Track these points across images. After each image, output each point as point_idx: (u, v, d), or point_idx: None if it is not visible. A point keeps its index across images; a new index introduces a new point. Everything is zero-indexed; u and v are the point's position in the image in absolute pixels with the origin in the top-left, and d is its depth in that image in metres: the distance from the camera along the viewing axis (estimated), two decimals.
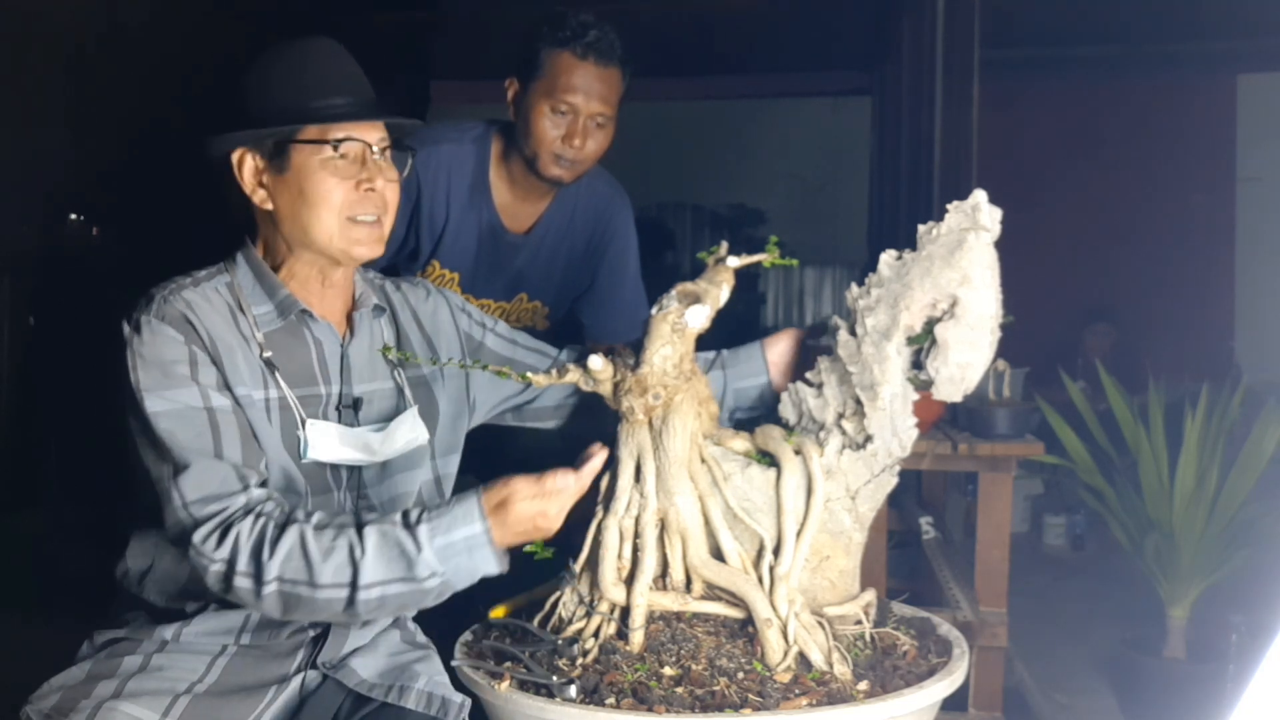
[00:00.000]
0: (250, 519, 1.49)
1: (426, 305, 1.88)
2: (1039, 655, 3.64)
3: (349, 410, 1.71)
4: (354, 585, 1.46)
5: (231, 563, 1.47)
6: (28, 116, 5.02)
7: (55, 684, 1.62)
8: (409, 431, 1.75)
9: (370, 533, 1.47)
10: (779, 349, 1.89)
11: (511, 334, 1.97)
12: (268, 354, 1.65)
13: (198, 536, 1.48)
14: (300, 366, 1.68)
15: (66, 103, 5.23)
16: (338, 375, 1.71)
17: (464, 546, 1.47)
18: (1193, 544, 3.28)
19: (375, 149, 1.67)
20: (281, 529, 1.47)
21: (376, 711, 1.67)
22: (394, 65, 6.94)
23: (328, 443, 1.66)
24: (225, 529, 1.48)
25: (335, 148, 1.63)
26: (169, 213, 5.07)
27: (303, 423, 1.65)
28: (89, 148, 5.24)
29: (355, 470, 1.71)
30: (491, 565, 1.50)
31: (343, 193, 1.65)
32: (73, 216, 5.63)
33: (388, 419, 1.74)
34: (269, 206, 1.67)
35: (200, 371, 1.58)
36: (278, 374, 1.65)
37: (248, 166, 1.67)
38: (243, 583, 1.47)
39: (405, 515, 1.50)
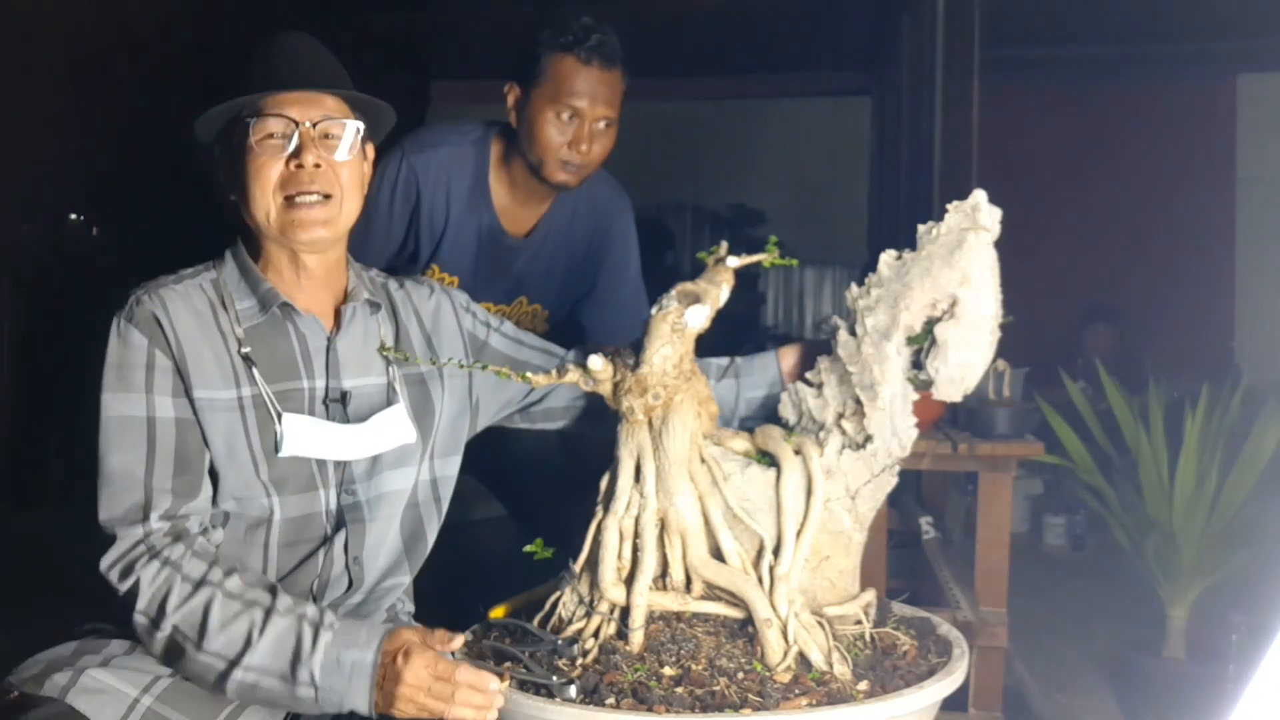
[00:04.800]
0: (155, 565, 1.52)
1: (429, 304, 1.87)
2: (1039, 655, 3.64)
3: (336, 404, 1.70)
4: (235, 662, 1.48)
5: (130, 601, 1.52)
6: (29, 117, 5.02)
7: (41, 658, 1.62)
8: (393, 428, 1.74)
9: (276, 622, 1.49)
10: (793, 359, 1.89)
11: (517, 334, 1.96)
12: (246, 349, 1.64)
13: (103, 563, 1.54)
14: (282, 360, 1.67)
15: (67, 103, 5.23)
16: (323, 369, 1.70)
17: (348, 670, 1.47)
18: (1193, 544, 3.28)
19: (309, 124, 1.65)
20: (195, 586, 1.50)
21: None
22: (394, 65, 6.94)
23: (305, 437, 1.64)
24: (128, 567, 1.52)
25: (263, 124, 1.63)
26: (169, 213, 5.07)
27: (279, 417, 1.63)
28: (89, 148, 5.24)
29: (343, 466, 1.69)
30: (362, 702, 1.47)
31: (275, 170, 1.64)
32: (73, 216, 5.63)
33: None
34: (233, 195, 1.69)
35: (155, 377, 1.59)
36: (255, 370, 1.64)
37: (224, 161, 1.70)
38: (140, 620, 1.52)
39: (323, 612, 1.51)
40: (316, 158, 1.65)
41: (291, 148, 1.65)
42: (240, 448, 1.62)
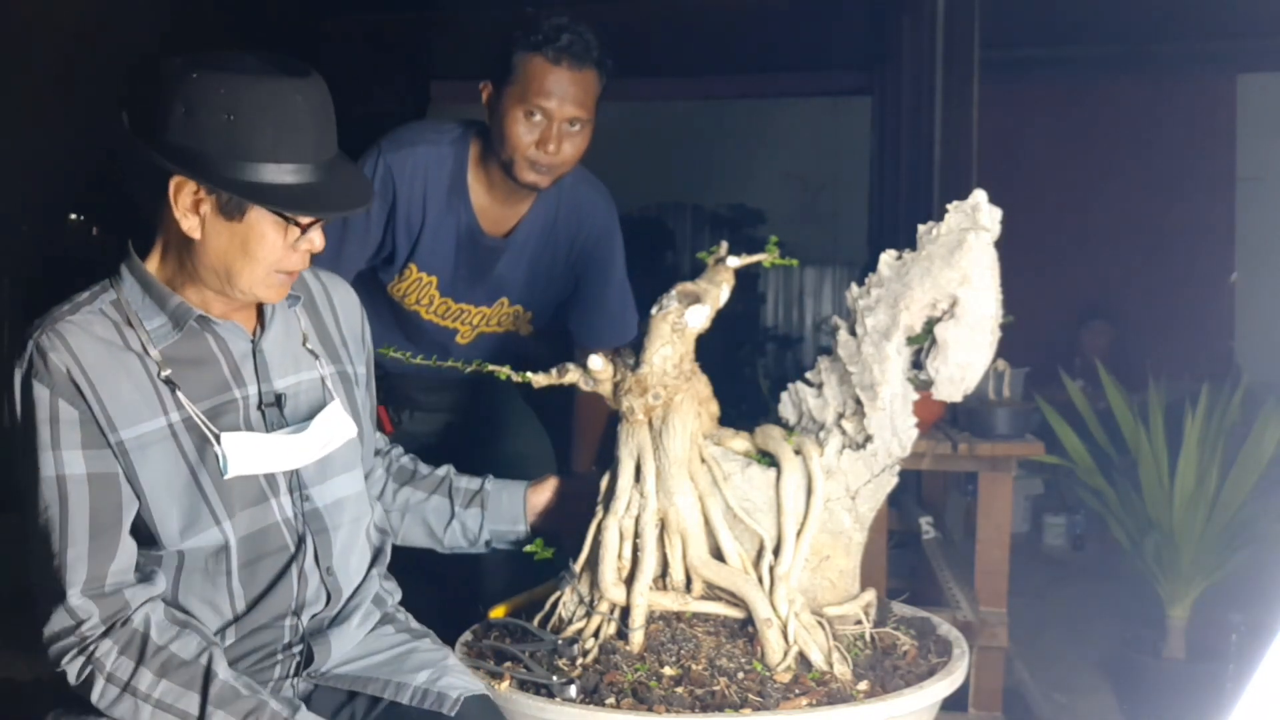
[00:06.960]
0: (80, 661, 1.47)
1: (349, 304, 1.81)
2: (1039, 655, 3.64)
3: (272, 409, 1.62)
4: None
5: (62, 677, 1.49)
6: (28, 117, 5.02)
7: None
8: (335, 427, 1.67)
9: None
10: (542, 498, 1.92)
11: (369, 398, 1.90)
12: (166, 373, 1.54)
13: (43, 635, 1.49)
14: (207, 376, 1.58)
15: (67, 103, 5.23)
16: (252, 375, 1.62)
17: None
18: (1193, 544, 3.28)
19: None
20: (121, 690, 1.47)
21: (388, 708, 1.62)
22: (394, 65, 6.94)
23: (248, 455, 1.57)
24: (57, 656, 1.48)
25: (303, 231, 1.55)
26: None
27: (216, 439, 1.55)
28: (89, 148, 5.23)
29: (294, 472, 1.63)
30: None
31: (283, 251, 1.55)
32: (73, 216, 5.63)
33: (318, 413, 1.66)
34: (196, 236, 1.52)
35: (60, 431, 1.48)
36: (179, 394, 1.54)
37: (186, 193, 1.51)
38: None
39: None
40: (314, 240, 1.59)
41: (308, 233, 1.56)
42: (182, 476, 1.54)
